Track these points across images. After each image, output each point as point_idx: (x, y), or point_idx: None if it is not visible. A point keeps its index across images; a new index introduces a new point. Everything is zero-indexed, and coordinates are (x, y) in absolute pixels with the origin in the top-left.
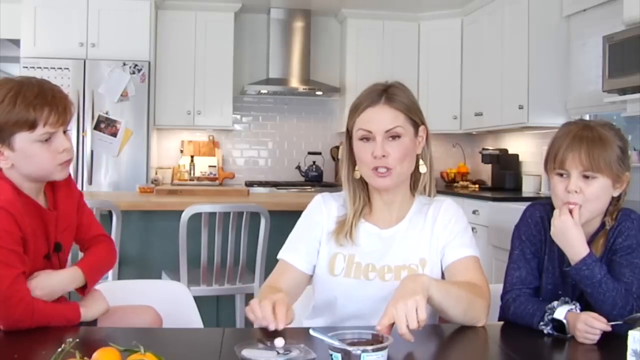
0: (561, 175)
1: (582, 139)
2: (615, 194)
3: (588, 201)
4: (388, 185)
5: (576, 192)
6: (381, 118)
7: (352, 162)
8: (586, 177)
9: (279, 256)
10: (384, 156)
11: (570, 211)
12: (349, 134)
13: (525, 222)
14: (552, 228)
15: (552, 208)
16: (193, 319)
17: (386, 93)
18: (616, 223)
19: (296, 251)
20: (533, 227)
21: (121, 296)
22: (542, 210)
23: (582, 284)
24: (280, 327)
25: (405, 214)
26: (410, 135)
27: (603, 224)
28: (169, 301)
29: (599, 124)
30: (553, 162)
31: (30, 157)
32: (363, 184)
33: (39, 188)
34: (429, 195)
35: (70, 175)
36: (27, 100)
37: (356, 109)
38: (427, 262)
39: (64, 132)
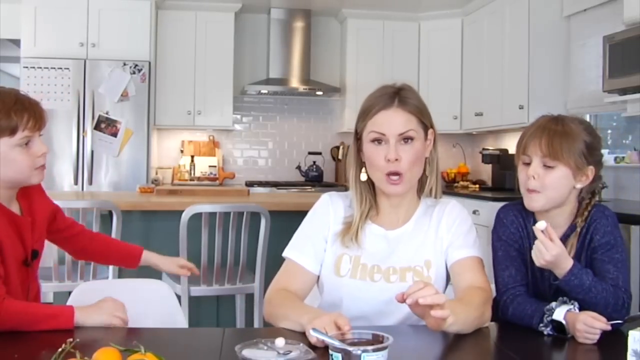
0: (525, 163)
1: (546, 128)
2: (578, 186)
3: (546, 189)
4: (399, 192)
5: (534, 177)
6: (395, 121)
7: (360, 164)
8: (546, 166)
9: (285, 254)
10: (396, 159)
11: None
12: (357, 136)
13: (501, 223)
14: (541, 260)
15: (523, 207)
16: (177, 318)
17: (398, 96)
18: (590, 220)
19: (304, 251)
20: (509, 225)
21: (103, 296)
22: (514, 209)
23: (573, 292)
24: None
25: (412, 216)
26: (421, 139)
27: (574, 226)
28: (153, 300)
29: (570, 118)
30: (519, 148)
31: (10, 162)
32: (369, 186)
33: (12, 196)
34: (435, 197)
35: (42, 187)
36: (7, 106)
37: (368, 112)
38: (432, 264)
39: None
